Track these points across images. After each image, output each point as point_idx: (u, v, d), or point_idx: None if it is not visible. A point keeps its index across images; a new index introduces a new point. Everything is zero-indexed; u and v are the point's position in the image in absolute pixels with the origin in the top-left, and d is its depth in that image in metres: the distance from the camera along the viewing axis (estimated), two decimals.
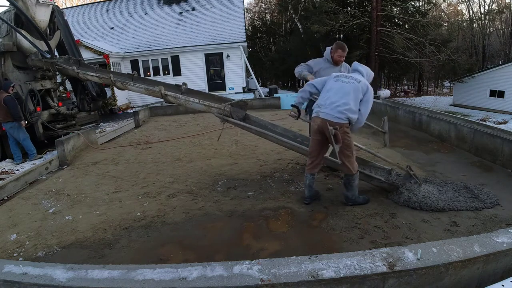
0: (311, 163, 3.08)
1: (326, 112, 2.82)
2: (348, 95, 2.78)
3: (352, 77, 2.90)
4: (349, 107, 2.76)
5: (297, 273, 1.67)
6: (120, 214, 3.21)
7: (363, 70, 3.01)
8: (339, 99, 2.79)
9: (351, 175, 2.94)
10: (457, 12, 29.25)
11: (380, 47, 17.03)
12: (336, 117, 2.77)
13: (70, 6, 27.86)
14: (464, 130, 4.58)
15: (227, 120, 3.67)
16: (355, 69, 3.05)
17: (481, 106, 15.48)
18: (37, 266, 1.88)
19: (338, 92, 2.83)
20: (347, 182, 3.00)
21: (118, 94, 13.82)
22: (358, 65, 3.08)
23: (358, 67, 3.04)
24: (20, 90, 6.59)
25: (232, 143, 5.72)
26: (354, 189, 2.99)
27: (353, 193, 3.01)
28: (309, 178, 3.08)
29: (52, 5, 7.26)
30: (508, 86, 14.36)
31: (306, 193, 3.15)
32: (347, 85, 2.83)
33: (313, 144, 3.03)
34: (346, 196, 3.06)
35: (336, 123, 2.76)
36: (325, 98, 2.90)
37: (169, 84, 4.39)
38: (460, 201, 2.93)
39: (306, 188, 3.14)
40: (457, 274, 1.75)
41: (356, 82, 2.84)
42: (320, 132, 2.90)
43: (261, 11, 34.32)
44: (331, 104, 2.81)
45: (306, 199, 3.14)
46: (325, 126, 2.77)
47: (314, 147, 3.04)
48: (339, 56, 3.64)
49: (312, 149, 3.06)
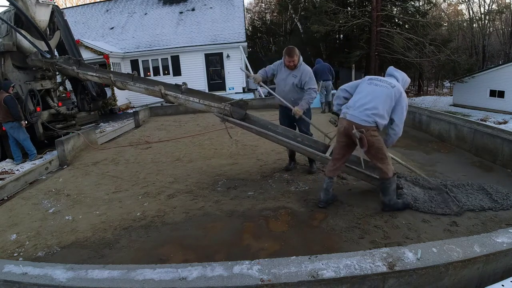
0: (332, 166, 2.95)
1: (353, 114, 2.70)
2: (378, 99, 2.65)
3: (386, 81, 2.75)
4: (377, 112, 2.63)
5: (297, 273, 1.67)
6: (120, 214, 3.21)
7: (398, 75, 2.85)
8: (368, 101, 2.67)
9: (386, 179, 2.79)
10: (457, 12, 29.25)
11: (380, 47, 17.02)
12: (362, 119, 2.64)
13: (70, 6, 27.86)
14: (464, 130, 4.58)
15: (227, 119, 3.67)
16: (391, 74, 2.89)
17: (481, 106, 15.47)
18: (37, 266, 1.87)
19: (368, 94, 2.71)
20: (383, 187, 2.85)
21: (118, 94, 13.82)
22: (394, 70, 2.92)
23: (394, 72, 2.88)
24: (20, 90, 6.59)
25: (232, 143, 5.72)
26: (391, 194, 2.83)
27: (391, 198, 2.84)
28: (327, 181, 2.96)
29: (52, 5, 7.26)
30: (508, 86, 14.36)
31: (322, 196, 3.00)
32: (379, 89, 2.70)
33: (338, 146, 2.90)
34: (383, 202, 2.88)
35: (363, 126, 2.63)
36: (355, 100, 2.78)
37: (169, 84, 4.39)
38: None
39: (322, 192, 3.00)
40: (457, 274, 1.75)
41: (390, 87, 2.69)
42: (346, 135, 2.77)
43: (261, 11, 34.30)
44: (360, 107, 2.69)
45: (321, 203, 3.02)
46: (351, 129, 2.65)
47: (338, 150, 2.90)
48: (288, 61, 3.64)
49: (336, 152, 2.93)
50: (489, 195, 3.02)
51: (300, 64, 3.69)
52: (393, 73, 2.88)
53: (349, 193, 3.33)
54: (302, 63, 3.71)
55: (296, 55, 3.63)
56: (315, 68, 8.72)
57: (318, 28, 16.82)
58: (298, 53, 3.66)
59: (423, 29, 16.55)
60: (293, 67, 3.67)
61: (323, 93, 8.77)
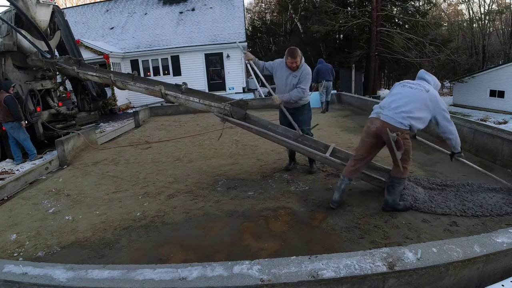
0: (353, 166, 2.84)
1: (388, 115, 2.61)
2: (414, 103, 2.59)
3: (420, 85, 2.69)
4: (413, 115, 2.57)
5: (297, 273, 1.67)
6: (120, 214, 3.21)
7: (430, 79, 2.80)
8: (404, 104, 2.60)
9: (398, 178, 2.77)
10: (457, 12, 29.27)
11: (380, 47, 17.04)
12: (399, 122, 2.57)
13: (70, 6, 27.88)
14: (464, 130, 4.58)
15: (227, 119, 3.67)
16: (422, 78, 2.83)
17: (481, 106, 15.49)
18: (37, 266, 1.87)
19: (404, 97, 2.64)
20: (391, 184, 2.82)
21: (118, 94, 13.83)
22: (425, 73, 2.86)
23: (425, 76, 2.82)
24: (20, 90, 6.59)
25: (232, 143, 5.72)
26: (396, 194, 2.83)
27: (395, 198, 2.84)
28: (346, 182, 2.86)
29: (52, 5, 7.26)
30: (508, 86, 14.37)
31: (337, 197, 2.92)
32: (414, 92, 2.64)
33: (363, 146, 2.79)
34: (386, 200, 2.86)
35: (398, 129, 2.56)
36: (389, 101, 2.70)
37: (169, 83, 4.39)
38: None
39: (338, 192, 2.91)
40: (457, 274, 1.75)
41: (424, 91, 2.63)
42: (376, 136, 2.68)
43: (261, 11, 34.32)
44: (396, 108, 2.60)
45: (335, 203, 2.93)
46: (384, 130, 2.58)
47: (363, 149, 2.79)
48: (290, 63, 3.60)
49: (360, 152, 2.82)
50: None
51: (302, 65, 3.67)
52: (424, 76, 2.83)
53: (349, 193, 3.33)
54: (304, 64, 3.70)
55: (298, 57, 3.60)
56: (318, 67, 8.71)
57: (318, 28, 16.85)
58: (300, 54, 3.63)
59: (423, 29, 16.58)
60: (295, 68, 3.65)
61: (324, 93, 8.76)
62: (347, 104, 10.19)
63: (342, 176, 2.91)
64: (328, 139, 4.67)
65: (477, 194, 3.06)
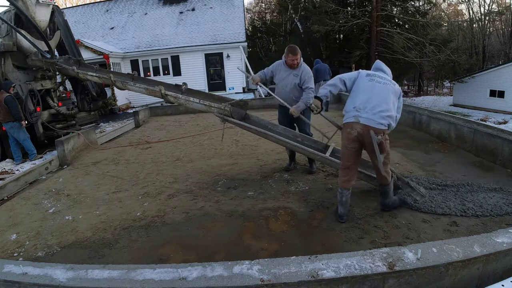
0: (345, 176, 2.70)
1: (367, 117, 2.50)
2: (389, 99, 2.54)
3: (385, 78, 2.65)
4: (391, 113, 2.53)
5: (297, 273, 1.67)
6: (120, 214, 3.21)
7: (386, 70, 2.77)
8: (380, 103, 2.51)
9: (385, 184, 2.78)
10: (457, 12, 29.27)
11: (380, 47, 17.03)
12: (379, 123, 2.49)
13: (70, 6, 27.87)
14: (464, 130, 4.58)
15: (227, 119, 3.67)
16: (380, 69, 2.78)
17: (481, 106, 15.48)
18: (37, 266, 1.87)
19: (377, 95, 2.55)
20: (383, 191, 2.83)
21: (118, 94, 13.83)
22: (381, 64, 2.82)
23: (382, 66, 2.78)
24: (20, 90, 6.59)
25: (232, 143, 5.72)
26: (390, 195, 2.85)
27: (390, 199, 2.85)
28: (346, 194, 2.71)
29: (52, 5, 7.26)
30: (508, 86, 14.36)
31: (342, 210, 2.75)
32: (385, 87, 2.58)
33: (348, 154, 2.66)
34: (383, 203, 2.88)
35: (381, 130, 2.49)
36: (363, 100, 2.56)
37: (169, 84, 4.39)
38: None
39: (341, 206, 2.75)
40: (457, 274, 1.75)
41: (392, 85, 2.61)
42: (358, 141, 2.58)
43: (261, 11, 34.33)
44: (373, 109, 2.50)
45: (343, 218, 2.76)
46: (367, 134, 2.48)
47: (349, 157, 2.66)
48: (291, 60, 3.59)
49: (347, 160, 2.69)
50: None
51: (301, 63, 3.68)
52: (381, 67, 2.79)
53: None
54: (302, 62, 3.70)
55: (299, 54, 3.60)
56: (316, 67, 8.73)
57: (318, 28, 16.84)
58: (300, 52, 3.65)
59: (423, 29, 16.57)
60: (296, 66, 3.65)
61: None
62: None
63: (340, 189, 2.74)
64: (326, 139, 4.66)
65: (477, 194, 3.06)
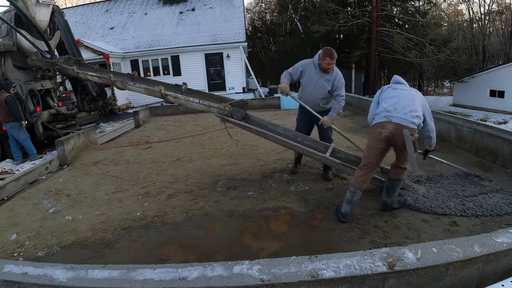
0: (363, 175, 2.68)
1: (399, 116, 2.54)
2: (416, 102, 2.62)
3: (407, 86, 2.80)
4: (419, 114, 2.58)
5: (297, 273, 1.67)
6: (120, 214, 3.21)
7: (405, 83, 2.88)
8: (409, 104, 2.59)
9: (399, 180, 2.80)
10: (457, 12, 29.28)
11: (380, 47, 17.04)
12: (411, 122, 2.53)
13: (70, 6, 27.87)
14: (464, 130, 4.58)
15: (227, 120, 3.67)
16: (400, 82, 2.87)
17: (481, 106, 15.49)
18: (37, 266, 1.88)
19: (405, 98, 2.63)
20: (391, 186, 2.81)
21: (118, 94, 13.83)
22: (400, 78, 2.92)
23: (401, 80, 2.89)
24: (20, 90, 6.59)
25: (232, 143, 5.72)
26: (395, 195, 2.85)
27: (393, 199, 2.85)
28: (358, 193, 2.69)
29: (52, 5, 7.26)
30: (508, 86, 14.38)
31: (348, 210, 2.71)
32: (409, 92, 2.69)
33: (373, 153, 2.64)
34: (385, 202, 2.86)
35: (412, 129, 2.52)
36: (392, 103, 2.63)
37: (169, 84, 4.39)
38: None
39: (348, 205, 2.71)
40: (457, 274, 1.75)
41: (415, 91, 2.72)
42: (388, 140, 2.58)
43: (261, 11, 34.35)
44: (404, 109, 2.56)
45: (346, 217, 2.71)
46: (400, 132, 2.49)
47: (373, 156, 2.65)
48: (327, 64, 3.35)
49: (370, 159, 2.66)
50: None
51: (333, 68, 3.44)
52: (400, 80, 2.89)
53: None
54: (335, 67, 3.47)
55: (336, 58, 3.36)
56: None
57: (318, 28, 16.85)
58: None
59: (423, 29, 16.58)
60: (329, 71, 3.41)
61: None
62: (347, 104, 10.05)
63: (353, 188, 2.69)
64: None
65: (471, 187, 3.09)
